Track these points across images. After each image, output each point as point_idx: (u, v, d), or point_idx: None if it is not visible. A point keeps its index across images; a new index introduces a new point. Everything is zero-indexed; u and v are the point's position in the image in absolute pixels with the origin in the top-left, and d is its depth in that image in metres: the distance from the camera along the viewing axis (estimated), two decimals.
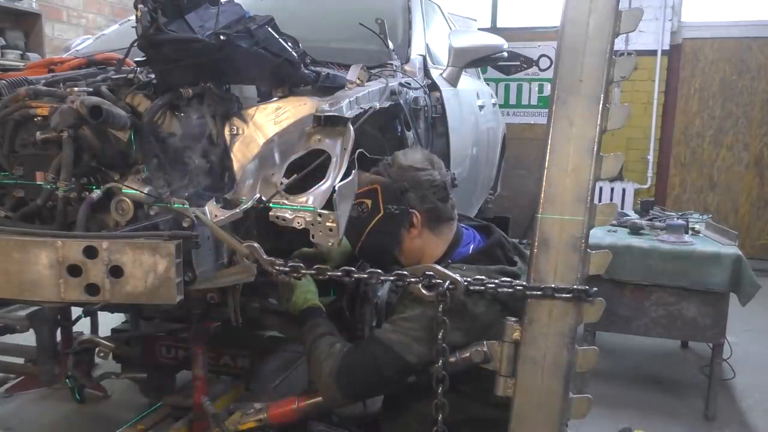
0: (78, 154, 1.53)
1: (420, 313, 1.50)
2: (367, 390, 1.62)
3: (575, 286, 1.37)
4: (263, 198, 1.52)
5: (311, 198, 1.51)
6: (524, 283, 1.40)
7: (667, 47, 5.63)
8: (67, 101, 1.52)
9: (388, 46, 2.36)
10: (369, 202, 1.64)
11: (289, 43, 1.69)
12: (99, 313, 2.41)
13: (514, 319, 1.43)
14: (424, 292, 1.44)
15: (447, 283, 1.42)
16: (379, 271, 1.47)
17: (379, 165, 1.70)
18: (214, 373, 2.08)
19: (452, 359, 1.46)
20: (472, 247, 1.70)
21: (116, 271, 1.33)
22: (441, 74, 2.76)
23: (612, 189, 5.77)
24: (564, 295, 1.37)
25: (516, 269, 1.62)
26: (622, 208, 5.13)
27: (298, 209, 1.50)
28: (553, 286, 1.37)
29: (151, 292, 1.34)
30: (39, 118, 1.57)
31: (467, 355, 1.47)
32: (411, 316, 1.52)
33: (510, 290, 1.41)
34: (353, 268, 1.47)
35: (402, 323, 1.53)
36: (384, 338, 1.52)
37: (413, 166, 1.66)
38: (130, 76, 1.70)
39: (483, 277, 1.45)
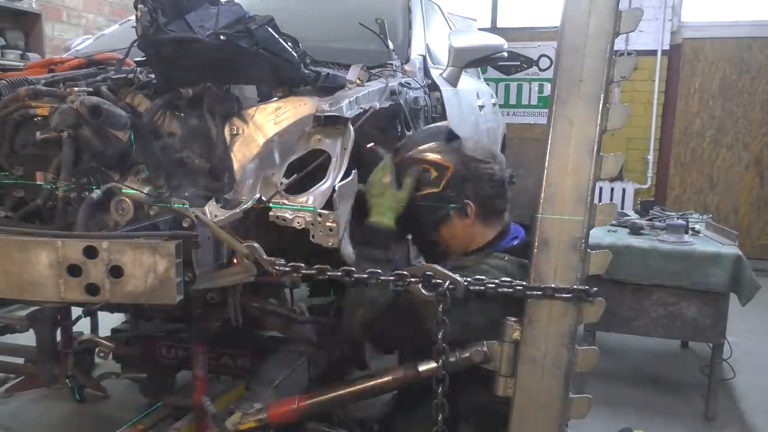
0: (78, 154, 1.53)
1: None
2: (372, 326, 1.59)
3: (575, 286, 1.37)
4: (263, 198, 1.52)
5: (311, 198, 1.51)
6: (524, 283, 1.40)
7: (667, 47, 5.62)
8: (67, 101, 1.52)
9: (388, 46, 2.36)
10: (435, 173, 1.65)
11: (289, 43, 1.69)
12: (99, 313, 2.41)
13: (514, 319, 1.43)
14: (423, 292, 1.44)
15: (447, 283, 1.42)
16: (379, 270, 1.47)
17: (456, 143, 1.72)
18: (214, 373, 2.08)
19: (452, 359, 1.46)
20: (516, 241, 1.73)
21: (116, 271, 1.33)
22: (441, 74, 2.76)
23: (612, 189, 5.76)
24: (564, 295, 1.37)
25: None
26: (622, 208, 5.12)
27: (298, 209, 1.50)
28: (553, 286, 1.37)
29: (151, 292, 1.34)
30: (39, 118, 1.57)
31: (467, 355, 1.47)
32: None
33: (510, 290, 1.40)
34: (353, 268, 1.47)
35: None
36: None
37: (476, 157, 1.70)
38: (130, 76, 1.69)
39: (483, 277, 1.45)
